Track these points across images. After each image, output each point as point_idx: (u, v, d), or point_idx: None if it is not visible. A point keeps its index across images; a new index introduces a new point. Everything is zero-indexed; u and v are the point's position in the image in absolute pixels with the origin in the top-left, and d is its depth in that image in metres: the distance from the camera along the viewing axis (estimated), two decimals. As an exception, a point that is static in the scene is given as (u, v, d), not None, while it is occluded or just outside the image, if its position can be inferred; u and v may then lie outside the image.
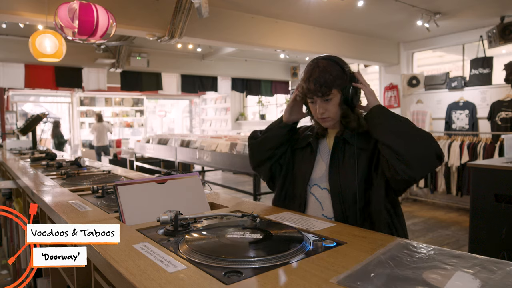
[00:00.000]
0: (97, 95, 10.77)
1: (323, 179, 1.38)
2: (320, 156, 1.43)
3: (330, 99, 1.33)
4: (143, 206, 1.22)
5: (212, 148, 5.41)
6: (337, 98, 1.33)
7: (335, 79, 1.31)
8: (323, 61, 1.34)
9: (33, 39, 3.71)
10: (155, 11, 4.58)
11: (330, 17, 5.45)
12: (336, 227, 1.10)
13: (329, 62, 1.34)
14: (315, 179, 1.40)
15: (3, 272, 3.49)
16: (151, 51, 7.45)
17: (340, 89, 1.33)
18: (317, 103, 1.35)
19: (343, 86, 1.32)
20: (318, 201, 1.38)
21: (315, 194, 1.39)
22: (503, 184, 2.97)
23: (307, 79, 1.34)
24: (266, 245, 0.89)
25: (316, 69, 1.32)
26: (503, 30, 5.11)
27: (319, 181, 1.39)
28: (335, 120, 1.38)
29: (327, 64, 1.33)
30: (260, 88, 9.51)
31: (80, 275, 1.20)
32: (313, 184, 1.40)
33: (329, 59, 1.35)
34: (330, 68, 1.32)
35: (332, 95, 1.32)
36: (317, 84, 1.31)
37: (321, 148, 1.44)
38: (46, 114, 4.50)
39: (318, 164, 1.42)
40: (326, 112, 1.35)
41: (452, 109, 6.14)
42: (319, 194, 1.38)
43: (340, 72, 1.33)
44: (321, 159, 1.42)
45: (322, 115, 1.36)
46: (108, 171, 2.41)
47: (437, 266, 0.77)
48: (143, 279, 0.73)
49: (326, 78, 1.30)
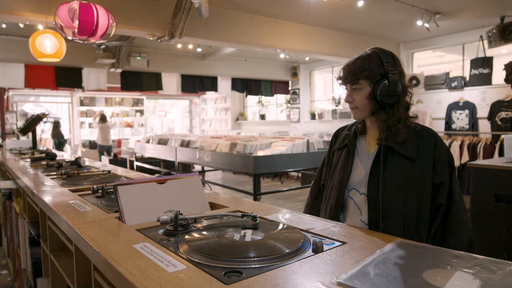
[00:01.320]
0: (97, 95, 10.78)
1: (362, 184, 1.33)
2: (358, 159, 1.38)
3: (358, 89, 1.30)
4: (143, 206, 1.22)
5: (212, 148, 5.41)
6: (366, 90, 1.30)
7: (363, 69, 1.28)
8: (368, 51, 1.33)
9: (33, 39, 3.71)
10: (155, 11, 4.58)
11: (330, 17, 5.45)
12: (336, 227, 1.09)
13: (373, 53, 1.31)
14: (353, 183, 1.35)
15: (3, 272, 3.49)
16: (151, 51, 7.46)
17: (373, 82, 1.29)
18: (348, 91, 1.34)
19: (375, 80, 1.29)
20: (357, 206, 1.34)
21: (354, 199, 1.35)
22: (503, 184, 2.97)
23: (344, 65, 1.34)
24: (266, 245, 0.89)
25: (358, 58, 1.31)
26: (503, 30, 5.11)
27: (357, 186, 1.35)
28: (364, 113, 1.34)
29: (369, 55, 1.30)
30: (260, 88, 9.51)
31: (80, 275, 1.20)
32: (352, 188, 1.36)
33: (375, 51, 1.32)
34: (368, 58, 1.29)
35: (360, 85, 1.30)
36: (347, 71, 1.30)
37: (360, 149, 1.40)
38: (46, 114, 4.50)
39: (357, 168, 1.37)
40: (353, 102, 1.32)
41: (452, 109, 6.14)
42: (358, 199, 1.34)
43: (375, 65, 1.29)
44: (359, 162, 1.37)
45: (350, 104, 1.34)
46: (108, 171, 2.41)
47: (437, 266, 0.77)
48: (143, 279, 0.73)
49: (356, 67, 1.28)
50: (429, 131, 1.34)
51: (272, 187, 8.09)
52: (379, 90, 1.28)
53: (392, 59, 1.32)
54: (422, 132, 1.33)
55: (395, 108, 1.31)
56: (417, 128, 1.34)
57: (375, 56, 1.30)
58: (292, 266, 0.79)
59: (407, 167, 1.27)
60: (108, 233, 1.04)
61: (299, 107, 9.44)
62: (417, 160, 1.27)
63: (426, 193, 1.26)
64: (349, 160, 1.38)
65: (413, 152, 1.28)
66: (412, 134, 1.32)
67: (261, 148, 4.95)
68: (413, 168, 1.27)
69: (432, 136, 1.32)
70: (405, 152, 1.28)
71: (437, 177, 1.27)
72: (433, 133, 1.34)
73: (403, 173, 1.27)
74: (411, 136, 1.31)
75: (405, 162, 1.28)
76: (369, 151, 1.37)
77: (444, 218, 1.25)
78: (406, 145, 1.29)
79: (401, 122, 1.32)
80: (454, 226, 1.23)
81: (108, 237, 1.00)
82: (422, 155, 1.28)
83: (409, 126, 1.33)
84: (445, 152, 1.30)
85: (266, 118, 11.07)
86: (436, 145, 1.30)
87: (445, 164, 1.29)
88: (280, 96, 10.46)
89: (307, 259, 0.83)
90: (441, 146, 1.31)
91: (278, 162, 4.62)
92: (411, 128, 1.33)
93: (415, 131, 1.33)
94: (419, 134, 1.32)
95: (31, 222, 2.02)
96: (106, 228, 1.08)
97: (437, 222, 1.26)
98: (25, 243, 2.18)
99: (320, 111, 8.90)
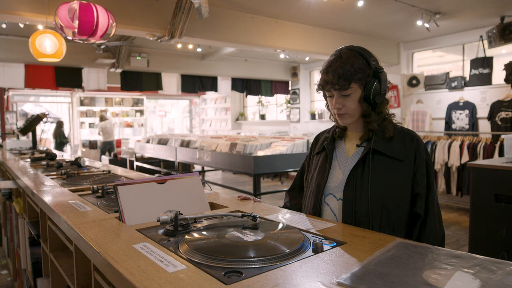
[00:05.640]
0: (97, 95, 10.78)
1: (339, 189, 1.26)
2: (336, 162, 1.31)
3: (349, 94, 1.21)
4: (143, 206, 1.22)
5: (212, 148, 5.41)
6: (357, 94, 1.22)
7: (356, 72, 1.19)
8: (346, 51, 1.22)
9: (33, 39, 3.71)
10: (155, 11, 4.58)
11: (330, 17, 5.45)
12: (336, 227, 1.09)
13: (353, 53, 1.22)
14: (330, 188, 1.28)
15: (3, 272, 3.49)
16: (151, 51, 7.46)
17: (362, 84, 1.21)
18: (334, 97, 1.24)
19: (365, 81, 1.21)
20: (333, 213, 1.26)
21: (329, 205, 1.27)
22: (503, 184, 2.97)
23: (326, 69, 1.22)
24: (266, 245, 0.89)
25: (338, 60, 1.21)
26: (503, 30, 5.11)
27: (334, 191, 1.27)
28: (354, 118, 1.26)
29: (350, 55, 1.21)
30: (260, 88, 9.51)
31: (80, 275, 1.20)
32: (328, 193, 1.28)
33: (354, 50, 1.23)
34: (352, 60, 1.20)
35: (351, 90, 1.20)
36: (336, 76, 1.19)
37: (338, 153, 1.32)
38: (46, 114, 4.50)
39: (334, 172, 1.29)
40: (343, 108, 1.23)
41: (452, 109, 6.14)
42: (334, 205, 1.26)
43: (364, 66, 1.21)
44: (337, 166, 1.30)
45: (339, 110, 1.24)
46: (108, 171, 2.41)
47: (437, 266, 0.77)
48: (143, 279, 0.73)
49: (346, 70, 1.18)
50: (411, 133, 1.27)
51: (272, 187, 8.09)
52: (372, 91, 1.20)
53: (373, 56, 1.24)
54: (405, 133, 1.27)
55: (382, 105, 1.26)
56: (398, 128, 1.28)
57: (358, 56, 1.21)
58: (292, 266, 0.79)
59: (391, 170, 1.20)
60: (108, 233, 1.04)
61: (299, 107, 9.44)
62: (403, 161, 1.21)
63: (405, 198, 1.20)
64: (327, 164, 1.31)
65: (400, 152, 1.22)
66: (396, 132, 1.26)
67: (261, 148, 4.95)
68: (398, 170, 1.20)
69: (414, 140, 1.25)
70: (391, 153, 1.21)
71: (417, 185, 1.21)
72: (415, 136, 1.27)
73: (386, 176, 1.20)
74: (396, 135, 1.25)
75: (389, 164, 1.21)
76: (348, 154, 1.30)
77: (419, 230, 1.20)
78: (392, 145, 1.23)
79: (387, 119, 1.28)
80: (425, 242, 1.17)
81: (108, 237, 1.00)
82: (406, 157, 1.22)
83: (392, 122, 1.29)
84: (425, 159, 1.24)
85: (266, 118, 11.07)
86: (419, 150, 1.23)
87: (425, 174, 1.22)
88: (280, 96, 10.46)
89: (307, 259, 0.83)
90: (424, 151, 1.24)
91: (278, 162, 4.62)
92: (395, 126, 1.28)
93: (398, 131, 1.27)
94: (402, 135, 1.26)
95: (31, 222, 2.02)
96: (106, 228, 1.08)
97: (415, 234, 1.21)
98: (25, 243, 2.18)
99: (320, 111, 8.90)
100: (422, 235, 1.20)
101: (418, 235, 1.20)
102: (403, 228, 1.21)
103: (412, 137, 1.26)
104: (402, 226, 1.21)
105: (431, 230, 1.19)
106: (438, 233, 1.22)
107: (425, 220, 1.20)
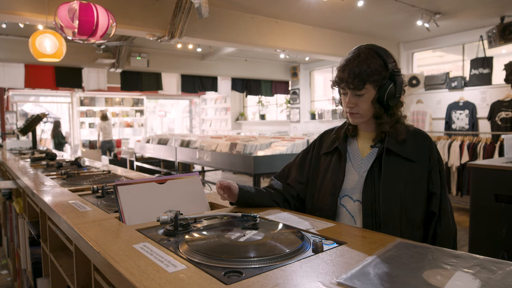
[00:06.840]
0: (97, 95, 10.78)
1: (355, 190, 1.25)
2: (351, 163, 1.29)
3: (362, 95, 1.21)
4: (143, 206, 1.22)
5: (212, 148, 5.41)
6: (371, 95, 1.21)
7: (372, 73, 1.18)
8: (365, 51, 1.21)
9: (33, 39, 3.71)
10: (155, 11, 4.58)
11: (330, 17, 5.45)
12: (336, 227, 1.09)
13: (372, 53, 1.21)
14: (346, 190, 1.26)
15: (3, 272, 3.49)
16: (151, 51, 7.46)
17: (377, 86, 1.20)
18: (348, 95, 1.23)
19: (380, 83, 1.20)
20: (350, 214, 1.25)
21: (346, 207, 1.26)
22: (503, 184, 2.97)
23: (342, 67, 1.22)
24: (266, 245, 0.89)
25: (356, 59, 1.20)
26: (503, 30, 5.11)
27: (350, 192, 1.26)
28: (365, 118, 1.26)
29: (368, 55, 1.20)
30: (260, 88, 9.51)
31: (80, 275, 1.20)
32: (344, 195, 1.26)
33: (373, 49, 1.22)
34: (370, 60, 1.19)
35: (365, 90, 1.20)
36: (351, 75, 1.18)
37: (351, 153, 1.31)
38: (46, 114, 4.50)
39: (350, 173, 1.28)
40: (355, 107, 1.23)
41: (452, 109, 6.14)
42: (351, 207, 1.25)
43: (380, 67, 1.20)
44: (352, 167, 1.29)
45: (351, 109, 1.24)
46: (108, 171, 2.41)
47: (437, 266, 0.77)
48: (143, 279, 0.73)
49: (363, 70, 1.18)
50: (423, 133, 1.29)
51: (272, 187, 8.07)
52: (387, 94, 1.20)
53: (391, 57, 1.24)
54: (417, 133, 1.28)
55: (395, 107, 1.27)
56: (411, 129, 1.29)
57: (376, 56, 1.21)
58: (292, 266, 0.79)
59: (407, 170, 1.21)
60: (108, 233, 1.04)
61: (299, 107, 9.44)
62: (417, 162, 1.22)
63: (422, 198, 1.22)
64: (341, 165, 1.29)
65: (413, 153, 1.23)
66: (408, 134, 1.26)
67: (261, 148, 4.95)
68: (412, 171, 1.22)
69: (427, 139, 1.27)
70: (404, 153, 1.22)
71: (432, 185, 1.23)
72: (427, 136, 1.29)
73: (402, 176, 1.21)
74: (408, 137, 1.26)
75: (404, 165, 1.22)
76: (362, 154, 1.29)
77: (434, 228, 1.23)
78: (406, 146, 1.23)
79: (399, 121, 1.28)
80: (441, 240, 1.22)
81: (108, 237, 1.00)
82: (420, 157, 1.23)
83: (405, 125, 1.29)
84: (437, 159, 1.26)
85: (266, 118, 11.07)
86: (432, 149, 1.26)
87: (438, 172, 1.25)
88: (280, 96, 10.46)
89: (307, 259, 0.83)
90: (435, 151, 1.27)
91: (278, 162, 4.62)
92: (407, 128, 1.29)
93: (410, 132, 1.28)
94: (414, 135, 1.27)
95: (31, 222, 2.02)
96: (106, 228, 1.08)
97: (430, 233, 1.23)
98: (25, 243, 2.18)
99: (320, 111, 8.90)
100: (437, 233, 1.22)
101: (433, 233, 1.23)
102: (421, 227, 1.23)
103: (424, 137, 1.28)
104: (421, 225, 1.23)
105: (446, 227, 1.22)
106: (452, 230, 1.25)
107: (440, 218, 1.23)
